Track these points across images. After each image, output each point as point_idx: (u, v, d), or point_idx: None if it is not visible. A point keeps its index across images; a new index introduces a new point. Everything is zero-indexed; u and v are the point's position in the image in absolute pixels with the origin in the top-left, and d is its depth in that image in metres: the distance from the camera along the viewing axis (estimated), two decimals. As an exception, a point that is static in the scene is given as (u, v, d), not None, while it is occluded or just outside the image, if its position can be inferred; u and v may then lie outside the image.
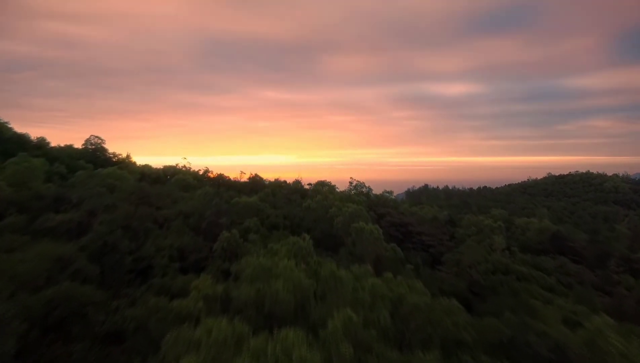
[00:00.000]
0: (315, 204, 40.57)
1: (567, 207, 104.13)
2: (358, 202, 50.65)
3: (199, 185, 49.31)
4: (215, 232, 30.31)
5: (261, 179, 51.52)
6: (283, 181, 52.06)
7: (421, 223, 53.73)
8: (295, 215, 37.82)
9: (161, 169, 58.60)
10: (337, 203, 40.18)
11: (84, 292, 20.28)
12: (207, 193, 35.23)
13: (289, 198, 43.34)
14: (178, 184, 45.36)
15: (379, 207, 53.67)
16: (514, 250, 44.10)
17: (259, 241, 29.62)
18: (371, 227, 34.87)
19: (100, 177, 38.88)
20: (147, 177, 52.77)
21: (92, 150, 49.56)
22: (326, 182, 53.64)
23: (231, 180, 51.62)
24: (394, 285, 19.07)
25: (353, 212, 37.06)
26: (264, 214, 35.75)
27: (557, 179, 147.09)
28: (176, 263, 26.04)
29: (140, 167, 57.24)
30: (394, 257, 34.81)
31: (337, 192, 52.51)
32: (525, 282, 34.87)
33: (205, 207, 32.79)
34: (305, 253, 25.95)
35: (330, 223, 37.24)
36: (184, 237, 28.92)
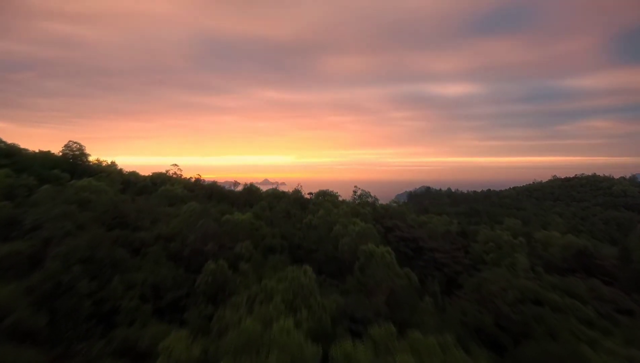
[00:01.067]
0: (317, 220, 35.70)
1: (577, 213, 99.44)
2: (363, 214, 45.79)
3: (189, 196, 44.35)
4: (200, 261, 25.42)
5: (257, 190, 46.49)
6: (281, 191, 46.94)
7: (432, 236, 48.93)
8: (294, 235, 32.92)
9: (149, 176, 53.64)
10: (342, 219, 35.29)
11: (17, 356, 15.51)
12: (193, 210, 30.31)
13: (287, 211, 38.52)
14: (165, 196, 40.47)
15: (385, 219, 48.80)
16: (539, 271, 39.25)
17: (251, 272, 24.71)
18: (382, 250, 29.98)
19: (73, 190, 33.90)
20: (132, 186, 47.83)
21: (71, 157, 44.50)
22: (328, 191, 48.69)
23: (224, 189, 46.67)
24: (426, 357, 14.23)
25: (361, 232, 32.21)
26: (258, 234, 30.85)
27: (563, 182, 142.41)
28: (149, 305, 21.12)
29: (126, 174, 52.28)
30: (409, 285, 29.96)
31: (340, 202, 47.60)
32: (559, 313, 30.21)
33: (190, 228, 27.85)
34: (307, 293, 21.10)
35: (335, 244, 32.36)
36: (162, 268, 23.98)
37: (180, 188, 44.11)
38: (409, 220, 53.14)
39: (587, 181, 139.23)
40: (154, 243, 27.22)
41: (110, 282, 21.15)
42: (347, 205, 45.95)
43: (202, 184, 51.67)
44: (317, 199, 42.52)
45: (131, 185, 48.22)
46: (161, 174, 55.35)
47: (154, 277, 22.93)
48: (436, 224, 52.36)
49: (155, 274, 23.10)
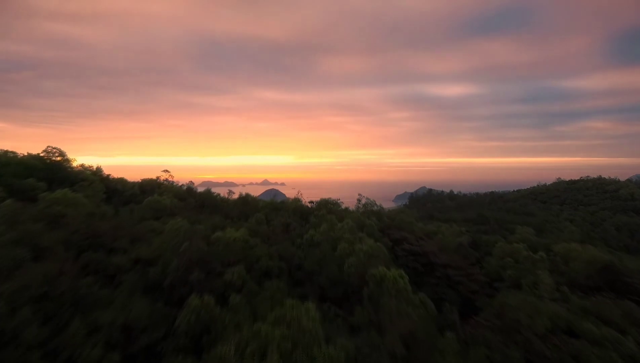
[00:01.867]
0: (319, 236, 31.78)
1: (585, 218, 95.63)
2: (369, 226, 41.86)
3: (179, 206, 40.38)
4: (183, 292, 21.49)
5: (253, 200, 42.45)
6: (279, 201, 42.89)
7: (443, 249, 45.07)
8: (294, 254, 28.98)
9: (138, 183, 49.64)
10: (347, 235, 31.36)
11: None
12: (178, 228, 26.38)
13: (286, 225, 34.58)
14: (151, 208, 36.52)
15: (393, 231, 44.94)
16: (564, 290, 35.42)
17: (243, 305, 20.76)
18: (394, 274, 26.09)
19: (44, 204, 29.91)
20: (118, 195, 43.86)
21: (50, 164, 40.48)
22: (331, 200, 44.76)
23: (218, 199, 42.73)
24: None
25: (369, 252, 28.30)
26: (253, 255, 26.91)
27: (569, 185, 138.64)
28: (116, 353, 17.19)
29: (114, 181, 48.27)
30: (426, 315, 26.06)
31: (343, 210, 43.66)
32: (598, 347, 26.42)
33: (174, 250, 23.92)
34: (309, 341, 17.20)
35: (340, 265, 28.43)
36: (136, 303, 20.01)
37: (169, 198, 40.14)
38: (417, 231, 49.27)
39: (592, 184, 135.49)
40: (130, 269, 23.26)
41: (69, 325, 17.24)
42: (352, 216, 42.03)
43: (195, 192, 47.73)
44: (319, 211, 38.54)
45: (117, 194, 44.25)
46: (151, 181, 51.34)
47: (125, 315, 18.99)
48: (446, 235, 48.46)
49: (128, 311, 19.16)
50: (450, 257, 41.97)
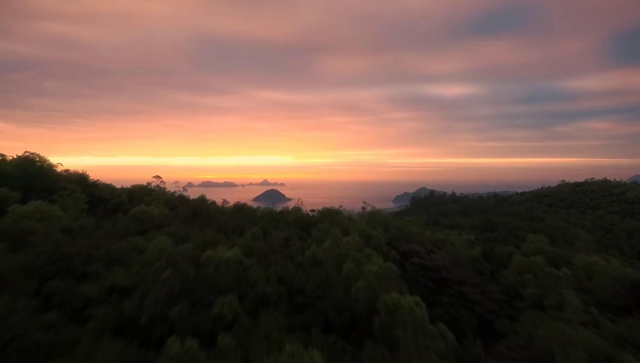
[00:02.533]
0: (322, 253, 28.33)
1: (594, 222, 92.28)
2: (376, 238, 38.41)
3: (169, 217, 36.89)
4: (163, 331, 18.04)
5: (249, 209, 38.83)
6: (278, 212, 39.38)
7: (455, 263, 41.67)
8: (294, 276, 25.50)
9: (127, 190, 46.15)
10: (354, 253, 27.91)
11: None
12: (162, 248, 22.95)
13: (286, 240, 31.10)
14: (137, 220, 33.07)
15: (401, 243, 41.51)
16: (592, 312, 32.04)
17: (233, 349, 17.29)
18: (410, 302, 22.62)
19: (12, 218, 26.43)
20: (104, 204, 40.36)
21: (28, 170, 36.91)
22: (334, 209, 41.17)
23: (211, 208, 39.18)
24: None
25: (379, 273, 24.88)
26: (247, 280, 23.46)
27: (574, 187, 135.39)
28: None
29: (100, 187, 44.75)
30: (446, 349, 22.67)
31: (348, 223, 40.16)
32: (643, 385, 23.15)
33: (156, 276, 20.45)
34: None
35: (346, 290, 24.98)
36: (104, 344, 16.56)
37: (159, 207, 36.66)
38: (425, 240, 45.81)
39: (598, 186, 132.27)
40: (103, 300, 19.77)
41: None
42: (357, 228, 38.59)
43: (187, 200, 44.30)
44: (322, 224, 34.98)
45: (103, 202, 40.75)
46: (141, 187, 47.83)
47: (90, 360, 15.56)
48: (457, 246, 45.02)
49: (93, 359, 15.72)
50: (463, 271, 38.56)
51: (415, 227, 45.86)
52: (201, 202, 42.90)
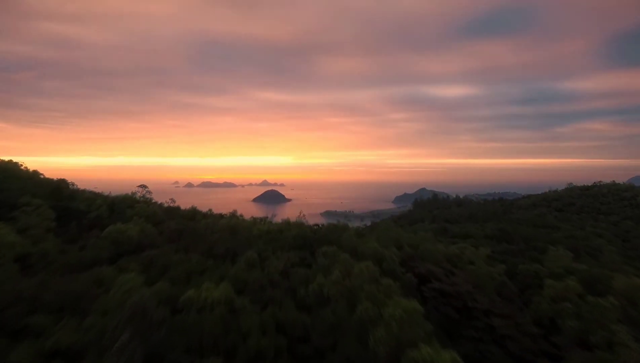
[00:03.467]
0: (330, 287, 23.20)
1: (608, 228, 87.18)
2: (389, 260, 33.27)
3: (150, 236, 31.69)
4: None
5: (245, 227, 33.34)
6: (277, 230, 33.94)
7: (478, 286, 36.59)
8: (296, 320, 20.37)
9: (110, 199, 40.91)
10: (369, 287, 22.76)
11: None
12: (127, 291, 17.84)
13: (285, 273, 25.70)
14: (112, 242, 27.94)
15: (416, 263, 36.40)
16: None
17: None
18: (446, 359, 17.60)
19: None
20: (78, 219, 35.15)
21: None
22: (340, 225, 35.91)
23: (200, 225, 33.87)
24: None
25: (403, 319, 19.80)
26: (238, 330, 18.36)
27: (583, 191, 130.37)
28: None
29: (78, 199, 39.52)
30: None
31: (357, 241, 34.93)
32: None
33: (113, 338, 15.34)
34: None
35: (362, 338, 19.91)
36: None
37: (139, 224, 31.54)
38: (441, 258, 40.60)
39: (608, 190, 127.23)
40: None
41: None
42: (368, 248, 33.46)
43: (176, 213, 39.09)
44: (328, 245, 29.65)
45: (79, 216, 35.56)
46: (125, 198, 42.59)
47: None
48: (477, 264, 39.88)
49: None
50: (489, 297, 33.49)
51: (430, 243, 40.66)
52: (191, 215, 37.83)
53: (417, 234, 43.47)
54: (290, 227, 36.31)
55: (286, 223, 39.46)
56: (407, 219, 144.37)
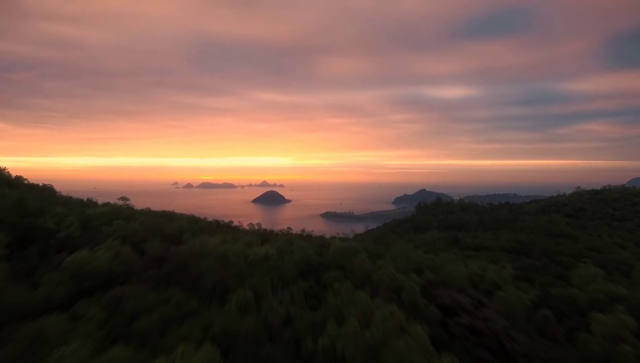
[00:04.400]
0: (344, 342, 17.92)
1: (626, 237, 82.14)
2: (410, 289, 27.93)
3: (126, 264, 26.32)
4: None
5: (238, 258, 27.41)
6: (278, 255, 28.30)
7: (511, 317, 31.32)
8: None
9: (84, 215, 35.48)
10: (396, 342, 17.50)
11: None
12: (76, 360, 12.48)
13: (287, 317, 20.43)
14: (73, 275, 22.64)
15: (438, 291, 30.99)
16: None
17: None
18: None
19: None
20: (44, 241, 29.75)
21: None
22: (352, 247, 30.26)
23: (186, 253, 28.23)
24: None
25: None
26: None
27: (593, 196, 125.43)
28: None
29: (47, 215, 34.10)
30: None
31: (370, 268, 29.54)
32: None
33: None
34: None
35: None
36: None
37: (112, 250, 26.18)
38: (464, 283, 35.22)
39: (619, 194, 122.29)
40: None
41: None
42: (384, 273, 28.16)
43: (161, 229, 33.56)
44: (339, 284, 24.08)
45: (45, 237, 30.19)
46: (104, 211, 37.16)
47: None
48: (504, 288, 34.57)
49: None
50: (530, 337, 28.26)
51: (453, 265, 35.32)
52: (178, 232, 32.51)
53: (438, 255, 37.99)
54: (293, 247, 30.89)
55: (288, 242, 34.07)
56: (411, 224, 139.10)
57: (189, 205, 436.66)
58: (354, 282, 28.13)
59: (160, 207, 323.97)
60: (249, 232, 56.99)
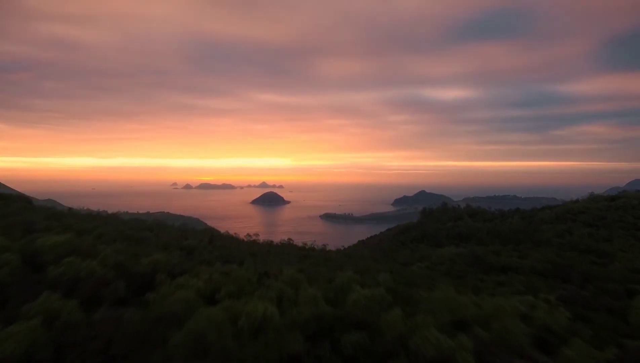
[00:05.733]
0: None
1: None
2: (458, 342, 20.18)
3: (43, 348, 18.18)
4: None
5: (225, 322, 20.39)
6: (279, 315, 20.91)
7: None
8: None
9: (30, 250, 27.44)
10: None
11: None
12: None
13: None
14: None
15: (496, 356, 23.26)
16: None
17: None
18: None
19: None
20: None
21: None
22: (377, 295, 22.97)
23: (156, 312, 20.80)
24: None
25: None
26: None
27: (609, 203, 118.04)
28: None
29: None
30: None
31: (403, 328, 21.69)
32: None
33: None
34: None
35: None
36: None
37: (38, 319, 18.23)
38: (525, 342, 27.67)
39: (638, 202, 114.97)
40: None
41: None
42: (426, 338, 19.93)
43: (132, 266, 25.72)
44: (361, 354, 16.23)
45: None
46: (66, 241, 29.04)
47: None
48: (574, 346, 26.93)
49: None
50: None
51: (509, 318, 27.21)
52: (151, 272, 24.66)
53: (494, 304, 29.87)
54: (298, 297, 22.94)
55: (292, 282, 26.05)
56: (418, 231, 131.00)
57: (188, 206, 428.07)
58: (384, 350, 20.28)
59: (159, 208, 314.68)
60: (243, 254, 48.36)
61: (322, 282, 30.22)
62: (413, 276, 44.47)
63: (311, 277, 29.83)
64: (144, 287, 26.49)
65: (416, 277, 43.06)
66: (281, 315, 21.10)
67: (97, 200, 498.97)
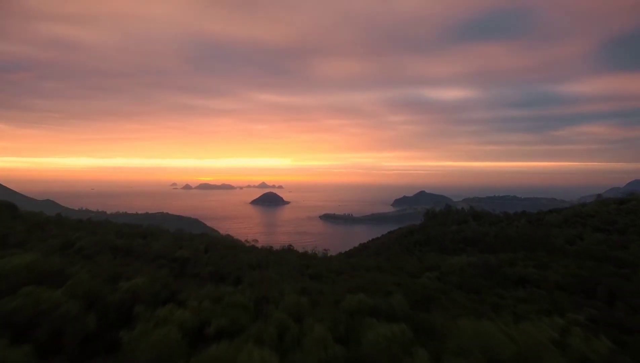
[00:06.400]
0: None
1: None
2: None
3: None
4: None
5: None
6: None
7: None
8: None
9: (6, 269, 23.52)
10: None
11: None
12: None
13: None
14: None
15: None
16: None
17: None
18: None
19: None
20: None
21: None
22: (400, 341, 19.72)
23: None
24: None
25: None
26: None
27: (619, 206, 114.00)
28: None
29: None
30: None
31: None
32: None
33: None
34: None
35: None
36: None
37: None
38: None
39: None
40: None
41: None
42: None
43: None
44: None
45: None
46: (32, 263, 25.32)
47: None
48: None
49: None
50: None
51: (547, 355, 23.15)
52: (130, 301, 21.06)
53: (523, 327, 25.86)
54: (303, 339, 19.36)
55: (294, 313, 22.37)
56: (421, 235, 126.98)
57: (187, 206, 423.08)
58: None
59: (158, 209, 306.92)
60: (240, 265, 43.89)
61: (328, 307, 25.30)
62: (427, 292, 40.45)
63: (315, 301, 25.07)
64: (119, 319, 21.34)
65: (431, 293, 39.21)
66: (282, 362, 16.10)
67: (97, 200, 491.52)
